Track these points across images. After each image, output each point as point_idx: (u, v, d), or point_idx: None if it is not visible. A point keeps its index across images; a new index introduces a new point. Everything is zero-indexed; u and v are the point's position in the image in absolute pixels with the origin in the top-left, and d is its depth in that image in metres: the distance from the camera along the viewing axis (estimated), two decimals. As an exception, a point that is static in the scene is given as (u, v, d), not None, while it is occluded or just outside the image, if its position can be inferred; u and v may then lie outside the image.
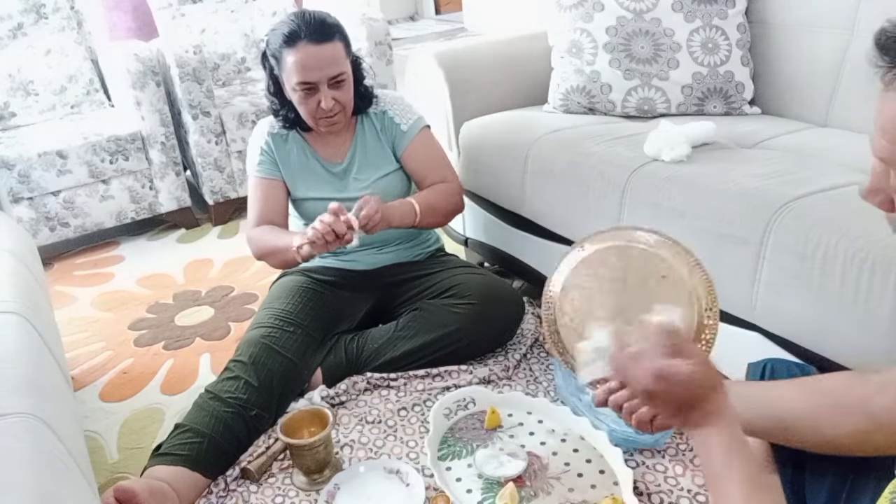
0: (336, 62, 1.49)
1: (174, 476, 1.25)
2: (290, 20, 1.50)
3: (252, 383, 1.39)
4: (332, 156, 1.64)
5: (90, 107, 2.66)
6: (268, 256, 1.58)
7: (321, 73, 1.48)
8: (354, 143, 1.65)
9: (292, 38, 1.47)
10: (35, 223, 2.33)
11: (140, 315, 2.04)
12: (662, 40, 1.78)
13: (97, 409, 1.62)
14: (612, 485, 1.25)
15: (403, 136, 1.65)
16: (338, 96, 1.51)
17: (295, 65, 1.47)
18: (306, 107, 1.52)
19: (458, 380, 1.56)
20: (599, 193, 1.52)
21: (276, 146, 1.63)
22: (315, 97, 1.50)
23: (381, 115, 1.66)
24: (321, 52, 1.47)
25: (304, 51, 1.46)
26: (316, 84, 1.48)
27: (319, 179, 1.63)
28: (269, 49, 1.54)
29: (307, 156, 1.64)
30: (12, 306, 1.15)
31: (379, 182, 1.64)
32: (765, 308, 1.24)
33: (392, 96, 1.69)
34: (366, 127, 1.65)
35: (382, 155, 1.65)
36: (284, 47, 1.48)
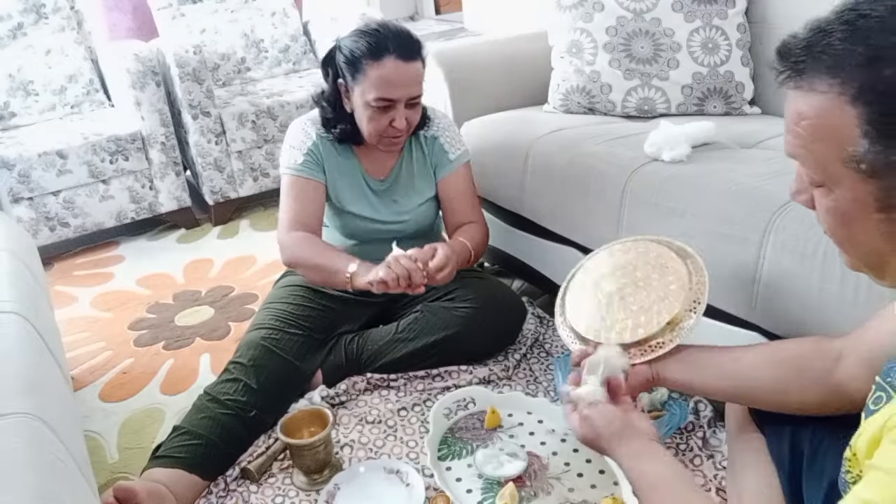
0: (418, 82, 1.45)
1: (172, 478, 1.25)
2: (373, 30, 1.43)
3: (251, 386, 1.39)
4: (376, 171, 1.60)
5: (90, 107, 2.66)
6: (309, 271, 1.52)
7: (404, 91, 1.42)
8: (400, 162, 1.61)
9: (379, 51, 1.40)
10: (35, 223, 2.33)
11: (140, 315, 2.04)
12: (662, 40, 1.78)
13: (97, 409, 1.62)
14: (612, 485, 1.25)
15: (449, 164, 1.62)
16: (410, 116, 1.47)
17: (379, 79, 1.40)
18: (376, 123, 1.45)
19: (458, 380, 1.56)
20: (599, 193, 1.52)
21: (325, 149, 1.56)
22: (389, 115, 1.44)
23: (432, 141, 1.62)
24: (408, 69, 1.42)
25: (392, 66, 1.40)
26: (395, 102, 1.42)
27: (360, 193, 1.59)
28: (345, 56, 1.45)
29: (353, 166, 1.58)
30: (12, 306, 1.15)
31: (417, 209, 1.62)
32: (765, 308, 1.24)
33: (445, 123, 1.64)
34: (413, 148, 1.61)
35: (425, 180, 1.62)
36: (368, 58, 1.40)
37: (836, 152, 0.57)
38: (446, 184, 1.63)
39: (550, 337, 1.72)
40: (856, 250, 0.64)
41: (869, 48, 0.53)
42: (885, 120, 0.53)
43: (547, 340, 1.71)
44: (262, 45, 2.94)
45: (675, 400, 1.40)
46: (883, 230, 0.58)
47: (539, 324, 1.76)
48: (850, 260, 0.67)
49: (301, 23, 3.06)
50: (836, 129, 0.56)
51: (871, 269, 0.65)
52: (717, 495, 1.22)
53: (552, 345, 1.69)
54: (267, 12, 2.96)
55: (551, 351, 1.67)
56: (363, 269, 1.41)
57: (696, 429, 1.36)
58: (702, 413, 1.39)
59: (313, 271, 1.51)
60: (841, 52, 0.54)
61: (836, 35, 0.55)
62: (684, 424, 1.36)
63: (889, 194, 0.56)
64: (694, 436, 1.35)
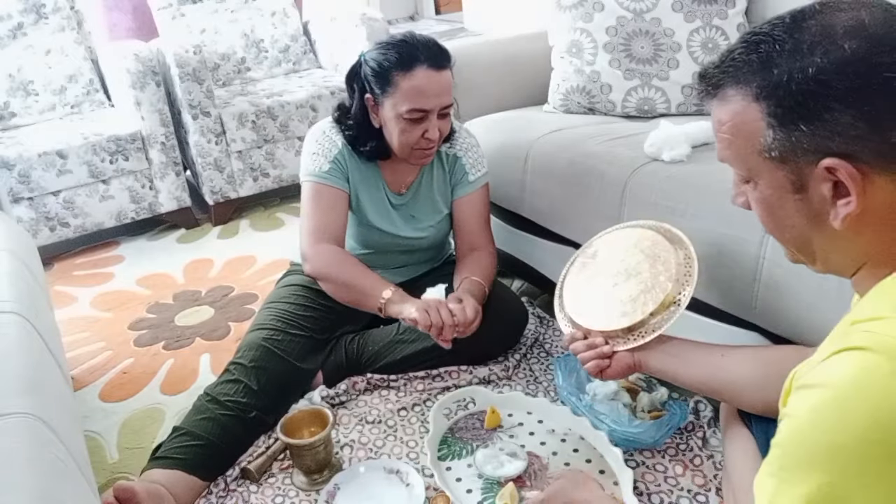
0: (449, 91, 1.42)
1: (171, 479, 1.25)
2: (401, 41, 1.41)
3: (252, 387, 1.39)
4: (396, 184, 1.58)
5: (90, 107, 2.66)
6: (339, 288, 1.48)
7: (437, 101, 1.40)
8: (420, 177, 1.59)
9: (410, 61, 1.37)
10: (35, 223, 2.33)
11: (140, 315, 2.04)
12: (662, 40, 1.78)
13: (97, 409, 1.62)
14: (612, 485, 1.25)
15: (469, 185, 1.60)
16: (442, 127, 1.44)
17: (411, 90, 1.37)
18: (408, 136, 1.42)
19: (458, 380, 1.56)
20: (599, 193, 1.52)
21: (350, 159, 1.52)
22: (421, 126, 1.41)
23: (454, 160, 1.60)
24: (440, 78, 1.39)
25: (424, 76, 1.37)
26: (427, 113, 1.40)
27: (381, 206, 1.57)
28: (372, 69, 1.41)
29: (376, 178, 1.56)
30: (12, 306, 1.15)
31: (437, 226, 1.62)
32: (765, 308, 1.24)
33: (470, 142, 1.62)
34: (434, 163, 1.59)
35: (444, 197, 1.62)
36: (398, 70, 1.37)
37: (751, 146, 0.67)
38: (462, 204, 1.62)
39: (550, 337, 1.72)
40: (787, 238, 0.72)
41: (760, 55, 0.65)
42: (781, 110, 0.63)
43: (547, 340, 1.71)
44: (262, 45, 2.94)
45: (675, 400, 1.40)
46: (802, 211, 0.67)
47: (539, 324, 1.76)
48: (788, 251, 0.75)
49: (301, 23, 3.06)
50: (748, 125, 0.67)
51: (804, 254, 0.72)
52: (717, 495, 1.22)
53: (552, 345, 1.69)
54: (267, 12, 2.96)
55: (551, 351, 1.67)
56: (397, 297, 1.40)
57: (696, 429, 1.36)
58: (702, 413, 1.39)
59: (343, 289, 1.47)
60: (741, 63, 0.66)
61: (738, 51, 0.67)
62: (684, 424, 1.36)
63: (800, 175, 0.65)
64: (694, 436, 1.35)
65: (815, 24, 0.62)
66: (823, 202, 0.64)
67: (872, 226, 0.64)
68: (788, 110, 0.63)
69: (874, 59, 0.59)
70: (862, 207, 0.62)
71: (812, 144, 0.62)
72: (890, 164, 0.61)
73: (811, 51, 0.61)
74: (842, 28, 0.61)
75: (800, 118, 0.62)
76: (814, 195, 0.65)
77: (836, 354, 0.58)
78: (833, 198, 0.63)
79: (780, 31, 0.64)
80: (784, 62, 0.62)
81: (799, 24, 0.63)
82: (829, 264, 0.71)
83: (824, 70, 0.60)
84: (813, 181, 0.64)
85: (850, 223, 0.63)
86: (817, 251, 0.70)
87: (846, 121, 0.60)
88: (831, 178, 0.62)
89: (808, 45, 0.61)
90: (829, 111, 0.60)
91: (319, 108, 2.65)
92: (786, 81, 0.62)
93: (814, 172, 0.63)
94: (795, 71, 0.61)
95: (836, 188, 0.63)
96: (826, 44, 0.61)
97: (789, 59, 0.62)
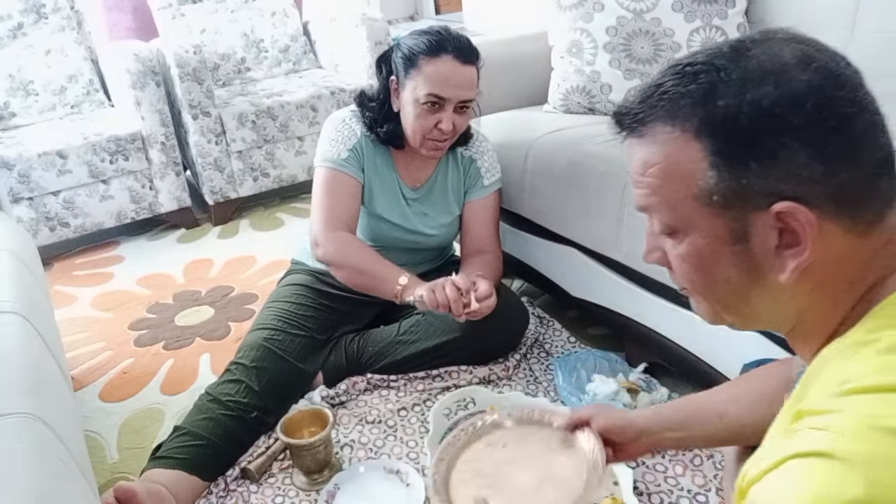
0: (472, 87, 1.44)
1: (171, 479, 1.25)
2: (434, 31, 1.44)
3: (253, 387, 1.39)
4: (411, 179, 1.60)
5: (90, 107, 2.66)
6: (352, 274, 1.48)
7: (456, 92, 1.42)
8: (435, 174, 1.61)
9: (438, 49, 1.40)
10: (35, 223, 2.33)
11: (140, 315, 2.04)
12: (662, 40, 1.78)
13: (97, 409, 1.62)
14: (612, 485, 1.25)
15: (482, 189, 1.62)
16: (458, 122, 1.46)
17: (434, 75, 1.40)
18: (423, 122, 1.44)
19: (458, 380, 1.56)
20: (599, 193, 1.52)
21: (367, 150, 1.54)
22: (436, 115, 1.43)
23: (470, 162, 1.62)
24: (464, 71, 1.42)
25: (448, 64, 1.40)
26: (445, 102, 1.42)
27: (393, 199, 1.58)
28: (402, 52, 1.45)
29: (390, 171, 1.57)
30: (12, 306, 1.15)
31: (449, 225, 1.63)
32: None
33: (486, 147, 1.64)
34: (450, 163, 1.61)
35: (457, 197, 1.63)
36: (425, 54, 1.41)
37: (687, 190, 0.58)
38: (474, 207, 1.63)
39: (550, 337, 1.72)
40: (717, 295, 0.62)
41: (700, 86, 0.56)
42: (728, 148, 0.55)
43: (547, 340, 1.71)
44: (262, 45, 2.94)
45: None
46: (740, 264, 0.58)
47: (539, 324, 1.76)
48: (712, 310, 0.65)
49: (301, 23, 3.06)
50: (685, 166, 0.57)
51: (733, 312, 0.63)
52: (717, 495, 1.22)
53: (552, 345, 1.69)
54: (267, 12, 2.96)
55: (551, 351, 1.67)
56: (412, 283, 1.41)
57: (696, 429, 1.36)
58: (702, 413, 1.39)
59: (357, 275, 1.48)
60: (676, 96, 0.57)
61: (669, 83, 0.58)
62: (684, 424, 1.36)
63: (743, 223, 0.56)
64: (694, 436, 1.35)
65: (762, 54, 0.55)
66: (767, 253, 0.56)
67: (816, 280, 0.57)
68: (737, 148, 0.54)
69: (829, 92, 0.53)
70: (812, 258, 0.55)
71: (763, 187, 0.54)
72: (841, 210, 0.54)
73: (763, 81, 0.54)
74: (792, 59, 0.54)
75: (750, 157, 0.54)
76: (756, 245, 0.56)
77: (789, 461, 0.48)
78: (778, 248, 0.56)
79: (721, 59, 0.56)
80: (732, 93, 0.54)
81: (742, 53, 0.56)
82: (764, 322, 0.63)
83: (779, 102, 0.53)
84: (758, 229, 0.56)
85: (795, 277, 0.56)
86: (752, 309, 0.61)
87: (801, 160, 0.52)
88: (779, 226, 0.55)
89: (758, 74, 0.54)
90: (783, 149, 0.53)
91: (319, 108, 2.65)
92: (735, 115, 0.54)
93: (760, 219, 0.55)
94: (746, 103, 0.53)
95: (781, 237, 0.55)
96: (779, 73, 0.54)
97: (738, 89, 0.54)
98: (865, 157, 0.54)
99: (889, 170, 0.55)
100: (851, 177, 0.53)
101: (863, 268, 0.56)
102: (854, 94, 0.54)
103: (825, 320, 0.58)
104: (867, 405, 0.47)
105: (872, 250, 0.56)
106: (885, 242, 0.56)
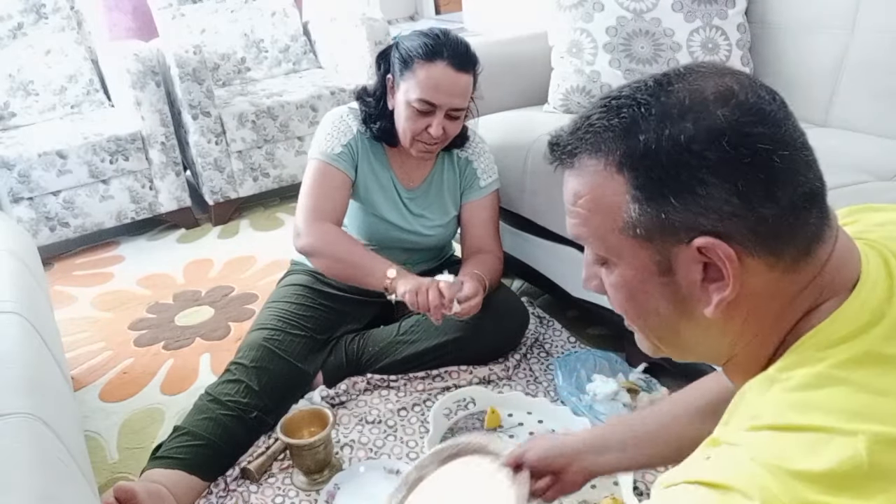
0: (464, 95, 1.44)
1: (171, 479, 1.25)
2: (433, 34, 1.43)
3: (253, 387, 1.39)
4: (407, 179, 1.60)
5: (90, 107, 2.66)
6: (336, 264, 1.48)
7: (447, 99, 1.42)
8: (432, 175, 1.61)
9: (433, 54, 1.40)
10: (35, 223, 2.33)
11: (140, 315, 2.04)
12: (662, 40, 1.78)
13: (97, 409, 1.62)
14: (612, 485, 1.25)
15: (479, 190, 1.63)
16: (448, 127, 1.46)
17: (426, 80, 1.40)
18: (413, 125, 1.45)
19: (458, 380, 1.56)
20: (599, 193, 1.51)
21: (362, 148, 1.55)
22: (426, 119, 1.43)
23: (465, 163, 1.63)
24: (457, 79, 1.41)
25: (441, 71, 1.40)
26: (436, 108, 1.42)
27: (388, 198, 1.59)
28: (400, 52, 1.45)
29: (384, 170, 1.58)
30: (12, 306, 1.15)
31: (446, 225, 1.64)
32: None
33: (482, 148, 1.65)
34: (446, 165, 1.62)
35: (453, 198, 1.64)
36: (420, 58, 1.41)
37: (612, 222, 0.59)
38: (471, 208, 1.63)
39: (550, 337, 1.72)
40: (650, 326, 0.63)
41: (622, 120, 0.57)
42: (648, 182, 0.55)
43: (547, 340, 1.71)
44: (262, 45, 2.94)
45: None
46: (668, 296, 0.59)
47: (539, 324, 1.76)
48: (647, 341, 0.66)
49: (301, 23, 3.06)
50: (609, 198, 0.58)
51: (668, 344, 0.64)
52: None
53: (552, 345, 1.69)
54: (267, 12, 2.96)
55: (551, 351, 1.67)
56: (401, 275, 1.41)
57: (696, 429, 1.36)
58: (702, 413, 1.39)
59: (336, 263, 1.48)
60: (600, 129, 0.58)
61: (595, 116, 0.59)
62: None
63: (667, 255, 0.57)
64: (694, 436, 1.35)
65: (683, 89, 0.56)
66: (692, 286, 0.57)
67: (743, 315, 0.57)
68: (657, 182, 0.55)
69: (747, 129, 0.53)
70: (735, 293, 0.55)
71: (683, 221, 0.54)
72: (763, 246, 0.54)
73: (682, 116, 0.54)
74: (711, 94, 0.55)
75: (670, 192, 0.54)
76: (682, 278, 0.57)
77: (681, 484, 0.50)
78: (703, 281, 0.56)
79: (643, 94, 0.57)
80: (651, 128, 0.55)
81: (665, 88, 0.56)
82: (697, 355, 0.64)
83: (696, 138, 0.53)
84: (681, 262, 0.56)
85: (722, 311, 0.56)
86: (684, 341, 0.62)
87: (720, 195, 0.53)
88: (702, 260, 0.55)
89: (677, 109, 0.54)
90: (701, 185, 0.53)
91: (319, 108, 2.65)
92: (654, 150, 0.54)
93: (683, 253, 0.56)
94: (664, 138, 0.54)
95: (706, 271, 0.56)
96: (697, 109, 0.54)
97: (657, 124, 0.55)
98: (786, 194, 0.53)
99: (816, 205, 0.55)
100: (772, 212, 0.53)
101: (790, 303, 0.56)
102: (774, 130, 0.54)
103: (756, 355, 0.59)
104: (765, 442, 0.48)
105: (800, 286, 0.56)
106: (814, 277, 0.56)
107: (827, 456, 0.45)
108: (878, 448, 0.45)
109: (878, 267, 0.57)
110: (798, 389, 0.50)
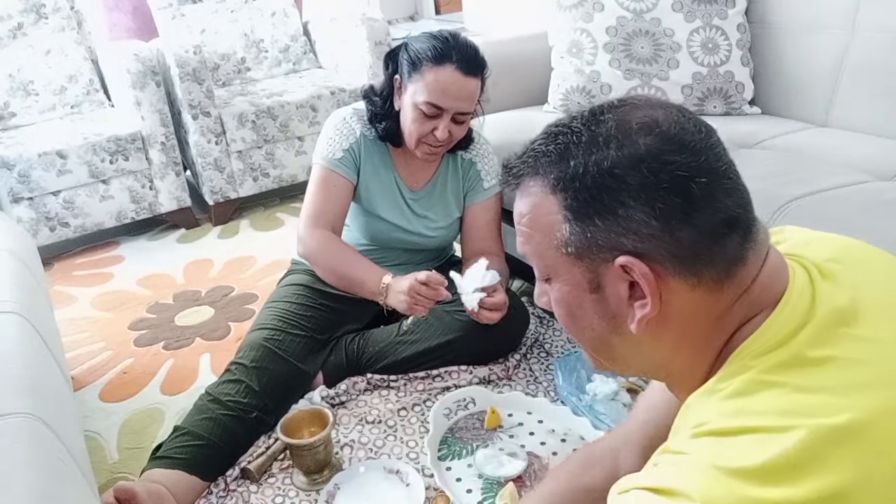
0: (472, 99, 1.44)
1: (171, 479, 1.25)
2: (443, 37, 1.43)
3: (253, 387, 1.39)
4: (411, 180, 1.60)
5: (90, 107, 2.66)
6: (330, 272, 1.50)
7: (454, 104, 1.41)
8: (436, 176, 1.61)
9: (442, 57, 1.39)
10: (35, 223, 2.33)
11: (140, 315, 2.04)
12: (662, 40, 1.78)
13: (97, 409, 1.62)
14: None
15: (482, 192, 1.62)
16: (454, 131, 1.45)
17: (434, 84, 1.39)
18: (419, 127, 1.44)
19: (458, 380, 1.56)
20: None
21: (365, 151, 1.54)
22: (433, 122, 1.43)
23: (469, 165, 1.62)
24: (465, 83, 1.41)
25: (449, 75, 1.39)
26: (442, 111, 1.42)
27: (391, 199, 1.58)
28: (409, 53, 1.45)
29: (388, 171, 1.57)
30: (12, 306, 1.15)
31: (449, 227, 1.64)
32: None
33: (486, 150, 1.64)
34: (450, 166, 1.62)
35: (456, 200, 1.63)
36: (429, 61, 1.40)
37: (549, 240, 0.64)
38: (475, 210, 1.63)
39: (550, 337, 1.72)
40: (586, 340, 0.67)
41: (558, 146, 0.62)
42: (577, 203, 0.60)
43: (547, 340, 1.71)
44: (262, 45, 2.94)
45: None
46: (601, 312, 0.63)
47: (539, 324, 1.76)
48: (588, 354, 0.70)
49: (301, 23, 3.06)
50: (545, 217, 0.63)
51: (605, 358, 0.68)
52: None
53: (552, 345, 1.69)
54: (267, 12, 2.96)
55: (551, 351, 1.67)
56: (395, 283, 1.41)
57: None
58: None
59: (330, 273, 1.50)
60: (540, 154, 0.64)
61: (538, 142, 0.65)
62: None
63: (596, 273, 0.61)
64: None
65: (612, 119, 0.61)
66: (620, 303, 0.61)
67: (674, 332, 0.61)
68: (584, 203, 0.60)
69: (666, 156, 0.57)
70: (660, 312, 0.59)
71: (607, 241, 0.59)
72: (683, 266, 0.58)
73: (606, 144, 0.59)
74: (636, 124, 0.59)
75: (595, 213, 0.59)
76: (610, 295, 0.61)
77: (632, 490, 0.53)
78: (630, 299, 0.60)
79: (578, 123, 0.62)
80: (580, 154, 0.60)
81: (597, 118, 0.62)
82: (635, 369, 0.68)
83: (618, 164, 0.58)
84: (609, 280, 0.61)
85: (649, 328, 0.60)
86: (619, 356, 0.66)
87: (640, 218, 0.57)
88: (627, 278, 0.59)
89: (603, 138, 0.60)
90: (622, 207, 0.57)
91: (319, 108, 2.65)
92: (581, 174, 0.59)
93: (610, 271, 0.60)
94: (591, 164, 0.59)
95: (632, 289, 0.60)
96: (621, 138, 0.59)
97: (585, 151, 0.60)
98: (703, 218, 0.57)
99: (738, 231, 0.58)
100: (690, 235, 0.57)
101: (718, 320, 0.60)
102: (693, 158, 0.57)
103: (692, 370, 0.62)
104: (706, 447, 0.52)
105: (726, 304, 0.59)
106: (739, 296, 0.59)
107: (760, 453, 0.48)
108: (816, 438, 0.48)
109: (802, 279, 0.60)
110: (733, 396, 0.54)
